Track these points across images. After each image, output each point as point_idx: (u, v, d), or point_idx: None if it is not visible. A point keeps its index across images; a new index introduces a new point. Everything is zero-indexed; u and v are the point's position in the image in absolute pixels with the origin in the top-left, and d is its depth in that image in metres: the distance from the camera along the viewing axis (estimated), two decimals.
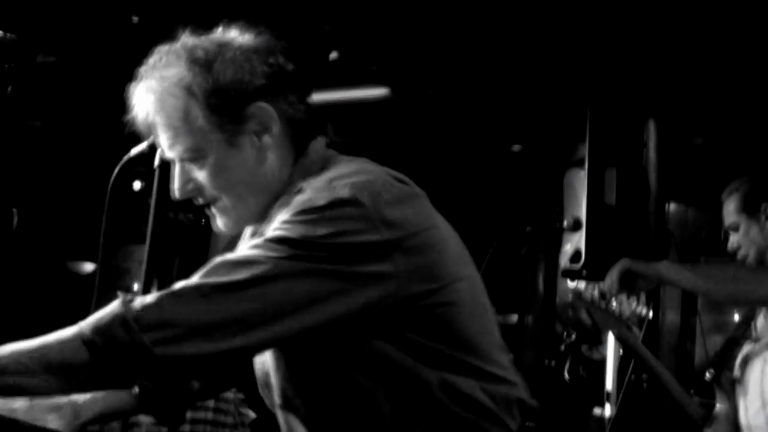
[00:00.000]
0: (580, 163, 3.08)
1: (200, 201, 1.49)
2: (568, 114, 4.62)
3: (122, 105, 1.48)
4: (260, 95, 1.42)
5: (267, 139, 1.44)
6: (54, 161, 7.28)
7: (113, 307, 1.26)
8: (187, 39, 1.46)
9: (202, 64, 1.41)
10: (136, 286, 8.52)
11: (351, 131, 6.14)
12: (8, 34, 5.23)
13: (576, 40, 4.63)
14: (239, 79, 1.41)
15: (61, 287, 7.89)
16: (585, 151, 3.01)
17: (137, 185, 7.22)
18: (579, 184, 2.99)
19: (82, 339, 1.23)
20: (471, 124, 5.96)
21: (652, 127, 3.09)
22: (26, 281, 8.01)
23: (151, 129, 1.46)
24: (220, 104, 1.40)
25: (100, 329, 1.24)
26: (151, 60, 1.45)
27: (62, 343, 1.24)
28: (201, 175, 1.44)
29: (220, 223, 1.51)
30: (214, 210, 1.50)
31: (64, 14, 5.09)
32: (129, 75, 1.47)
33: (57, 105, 6.33)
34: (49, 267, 7.98)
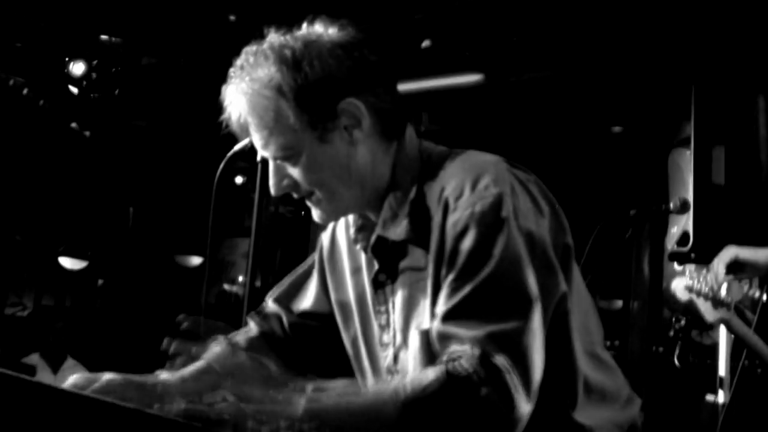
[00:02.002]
0: (685, 142, 2.98)
1: (296, 195, 1.53)
2: (672, 91, 4.46)
3: (223, 103, 1.51)
4: (348, 90, 1.44)
5: (357, 133, 1.45)
6: (159, 160, 7.55)
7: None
8: (274, 38, 1.47)
9: (290, 63, 1.42)
10: (240, 278, 8.78)
11: (446, 118, 6.12)
12: (114, 39, 5.46)
13: (678, 13, 4.47)
14: (327, 76, 1.42)
15: (171, 279, 8.20)
16: (690, 129, 2.91)
17: (239, 180, 7.42)
18: (685, 164, 2.90)
19: None
20: (568, 107, 5.84)
21: (761, 102, 2.97)
22: (140, 274, 8.38)
23: (244, 130, 1.49)
24: (310, 102, 1.42)
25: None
26: (241, 61, 1.47)
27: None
28: (295, 171, 1.47)
29: (316, 214, 1.55)
30: (309, 203, 1.54)
31: (165, 17, 5.26)
32: (227, 73, 1.51)
33: (160, 105, 6.56)
34: (160, 261, 8.31)
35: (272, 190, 1.53)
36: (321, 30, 1.48)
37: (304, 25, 1.49)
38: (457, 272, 1.35)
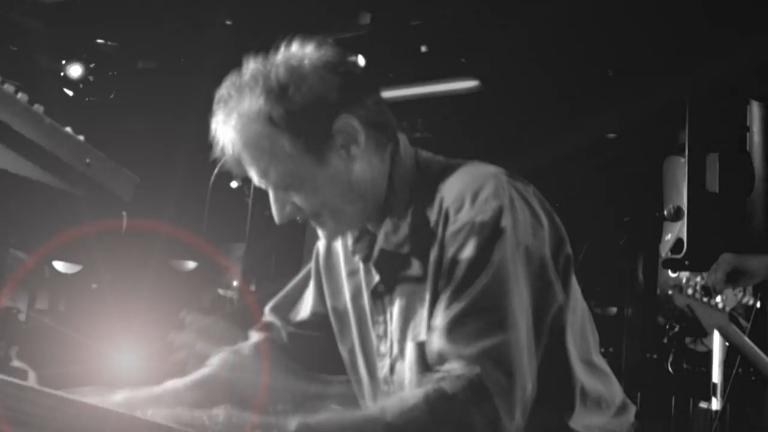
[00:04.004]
0: (680, 150, 2.99)
1: (300, 219, 1.50)
2: (666, 99, 4.48)
3: (213, 139, 1.47)
4: (339, 108, 1.42)
5: (354, 149, 1.44)
6: (153, 164, 7.54)
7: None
8: (254, 67, 1.44)
9: (277, 91, 1.40)
10: (235, 283, 8.76)
11: (441, 125, 6.13)
12: (110, 43, 5.46)
13: (673, 21, 4.48)
14: (316, 98, 1.40)
15: (165, 284, 8.18)
16: (685, 137, 2.92)
17: (234, 185, 7.41)
18: (679, 171, 2.91)
19: None
20: (563, 114, 5.86)
21: (755, 109, 2.98)
22: (134, 280, 8.36)
23: (240, 164, 1.46)
24: (303, 127, 1.40)
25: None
26: (224, 94, 1.44)
27: None
28: (297, 198, 1.45)
29: (322, 234, 1.53)
30: (314, 224, 1.52)
31: (162, 21, 5.26)
32: (224, 76, 1.49)
33: (156, 109, 6.55)
34: (154, 265, 8.29)
35: (277, 219, 1.50)
36: (301, 52, 1.45)
37: (282, 49, 1.46)
38: (455, 285, 1.35)
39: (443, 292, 1.36)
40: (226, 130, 1.43)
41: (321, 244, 1.72)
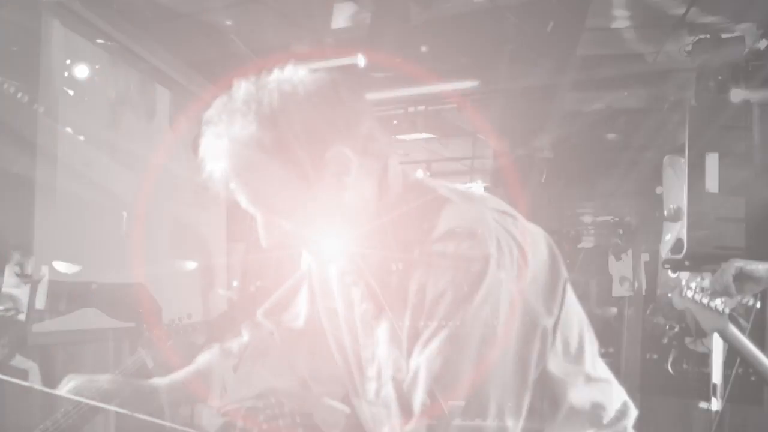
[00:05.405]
0: (680, 150, 2.99)
1: (289, 244, 1.48)
2: (667, 99, 4.48)
3: (202, 162, 1.44)
4: (332, 136, 1.38)
5: (347, 178, 1.40)
6: (155, 164, 7.54)
7: None
8: (247, 90, 1.40)
9: (270, 117, 1.36)
10: (235, 283, 8.76)
11: (441, 126, 6.13)
12: (111, 43, 5.46)
13: (674, 19, 4.49)
14: (310, 125, 1.36)
15: (166, 284, 8.18)
16: (685, 137, 2.92)
17: (233, 185, 7.41)
18: (679, 171, 2.91)
19: None
20: (563, 114, 5.86)
21: (755, 109, 2.98)
22: (133, 278, 8.34)
23: (230, 189, 1.43)
24: (296, 154, 1.37)
25: None
26: (214, 115, 1.41)
27: None
28: (286, 224, 1.43)
29: (311, 258, 1.54)
30: (305, 249, 1.52)
31: (162, 22, 5.27)
32: (226, 75, 1.46)
33: (157, 109, 6.55)
34: (154, 265, 8.28)
35: (264, 245, 1.47)
36: (294, 77, 1.41)
37: (274, 73, 1.42)
38: (431, 332, 1.33)
39: (421, 335, 1.34)
40: (215, 153, 1.40)
41: (314, 261, 1.71)
